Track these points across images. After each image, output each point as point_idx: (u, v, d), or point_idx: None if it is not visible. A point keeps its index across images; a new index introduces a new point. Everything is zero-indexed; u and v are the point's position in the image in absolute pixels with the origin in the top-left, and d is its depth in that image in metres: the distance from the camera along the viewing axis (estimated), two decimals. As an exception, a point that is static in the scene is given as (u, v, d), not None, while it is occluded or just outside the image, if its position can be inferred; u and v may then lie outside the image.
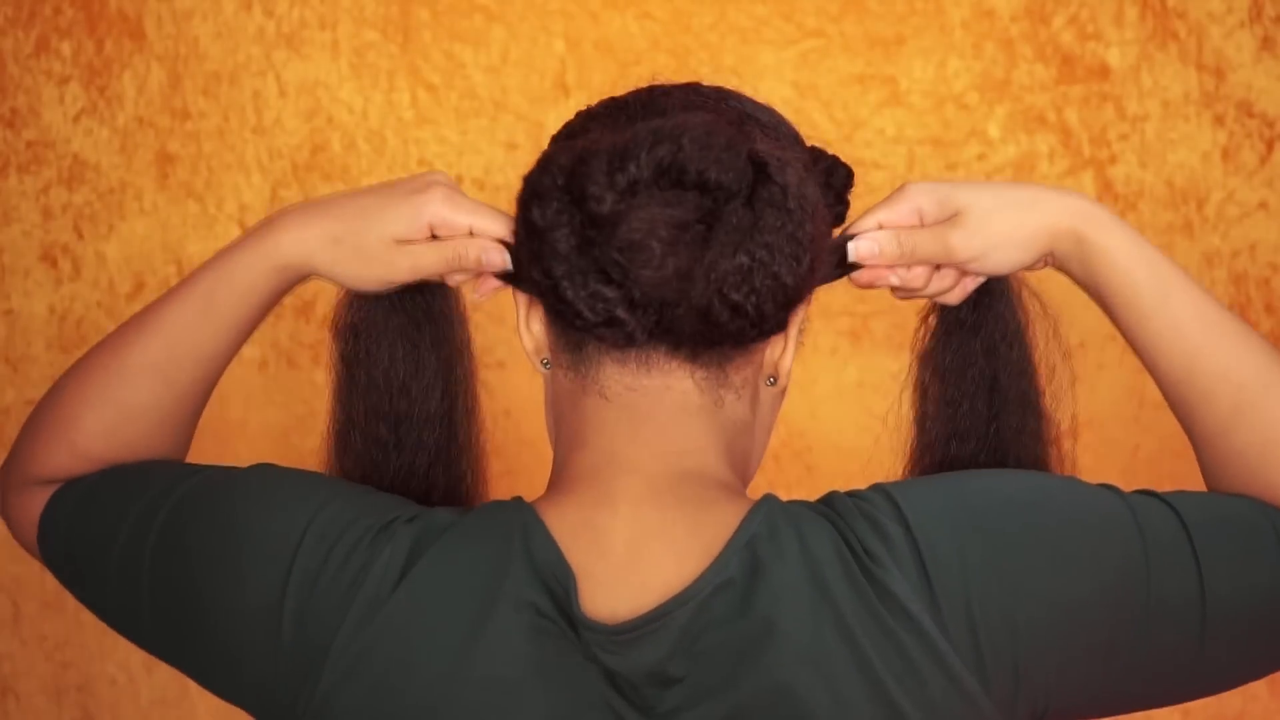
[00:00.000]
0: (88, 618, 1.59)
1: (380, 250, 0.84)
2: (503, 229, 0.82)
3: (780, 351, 0.81)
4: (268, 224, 0.89)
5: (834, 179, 0.87)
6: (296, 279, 0.88)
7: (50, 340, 1.53)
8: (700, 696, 0.73)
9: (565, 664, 0.74)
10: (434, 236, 0.83)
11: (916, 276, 0.84)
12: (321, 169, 1.48)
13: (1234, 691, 1.48)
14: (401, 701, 0.74)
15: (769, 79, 1.43)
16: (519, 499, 0.79)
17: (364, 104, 1.46)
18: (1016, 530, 0.75)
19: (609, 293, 0.73)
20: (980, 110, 1.42)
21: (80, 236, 1.51)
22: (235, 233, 1.50)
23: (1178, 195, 1.42)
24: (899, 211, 0.84)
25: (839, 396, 1.47)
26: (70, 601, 1.57)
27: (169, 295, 0.90)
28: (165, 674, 1.59)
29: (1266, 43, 1.40)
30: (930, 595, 0.72)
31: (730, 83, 1.20)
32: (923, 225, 0.84)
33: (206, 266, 0.90)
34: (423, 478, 0.89)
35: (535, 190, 0.76)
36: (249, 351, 1.51)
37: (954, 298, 0.87)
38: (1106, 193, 1.43)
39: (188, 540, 0.80)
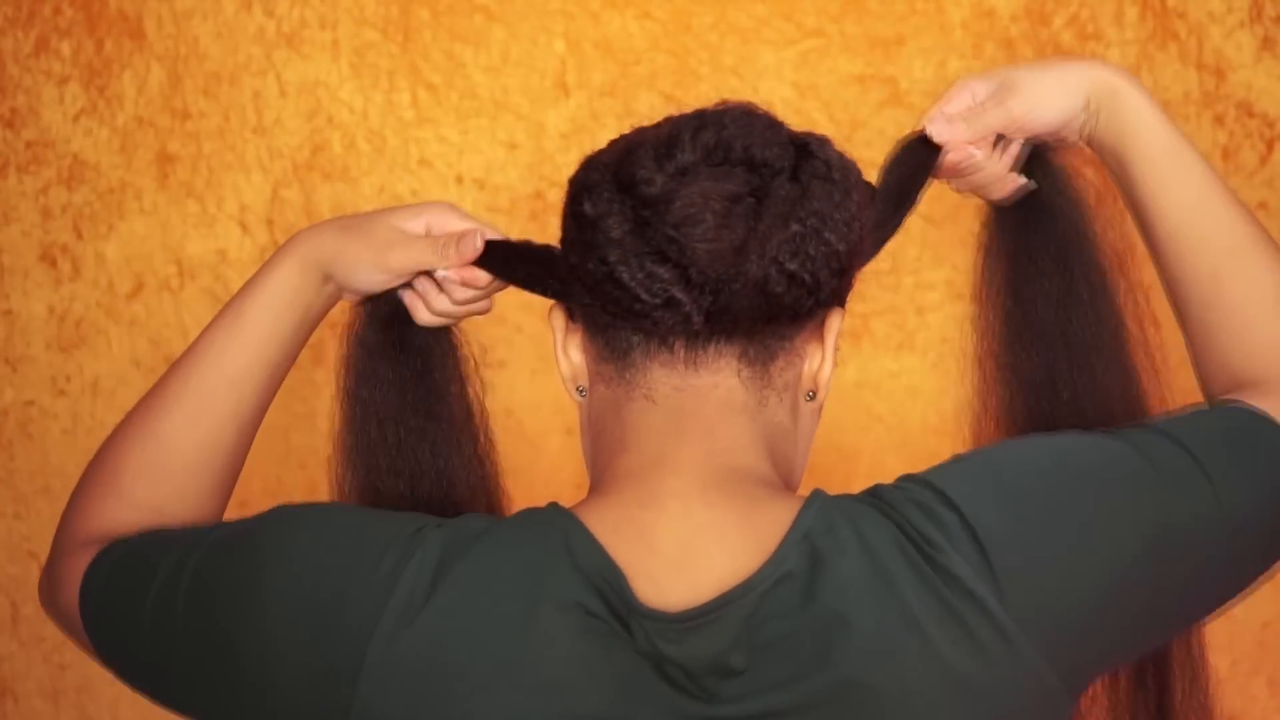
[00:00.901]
0: (87, 618, 1.59)
1: (384, 234, 0.88)
2: (493, 234, 0.86)
3: (819, 363, 0.81)
4: (286, 241, 0.92)
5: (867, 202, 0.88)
6: (317, 279, 0.90)
7: (50, 340, 1.53)
8: (764, 688, 0.73)
9: (617, 661, 0.73)
10: None
11: (984, 155, 0.91)
12: (322, 169, 1.48)
13: (1234, 691, 1.49)
14: (447, 708, 0.73)
15: (769, 79, 1.43)
16: (554, 504, 0.78)
17: (364, 104, 1.46)
18: (1061, 499, 0.77)
19: (665, 272, 0.74)
20: (980, 110, 1.42)
21: (80, 236, 1.51)
22: (236, 232, 1.50)
23: (1178, 195, 1.42)
24: (955, 99, 0.92)
25: (839, 396, 1.46)
26: (70, 602, 1.57)
27: (206, 327, 0.92)
28: (165, 674, 1.58)
29: (1266, 43, 1.40)
30: (992, 575, 0.73)
31: (730, 83, 1.20)
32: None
33: (235, 294, 0.92)
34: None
35: (584, 185, 0.77)
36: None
37: (1008, 184, 0.93)
38: (1107, 192, 1.43)
39: (216, 589, 0.80)
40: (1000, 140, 0.91)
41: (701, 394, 0.79)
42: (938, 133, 0.91)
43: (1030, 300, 0.96)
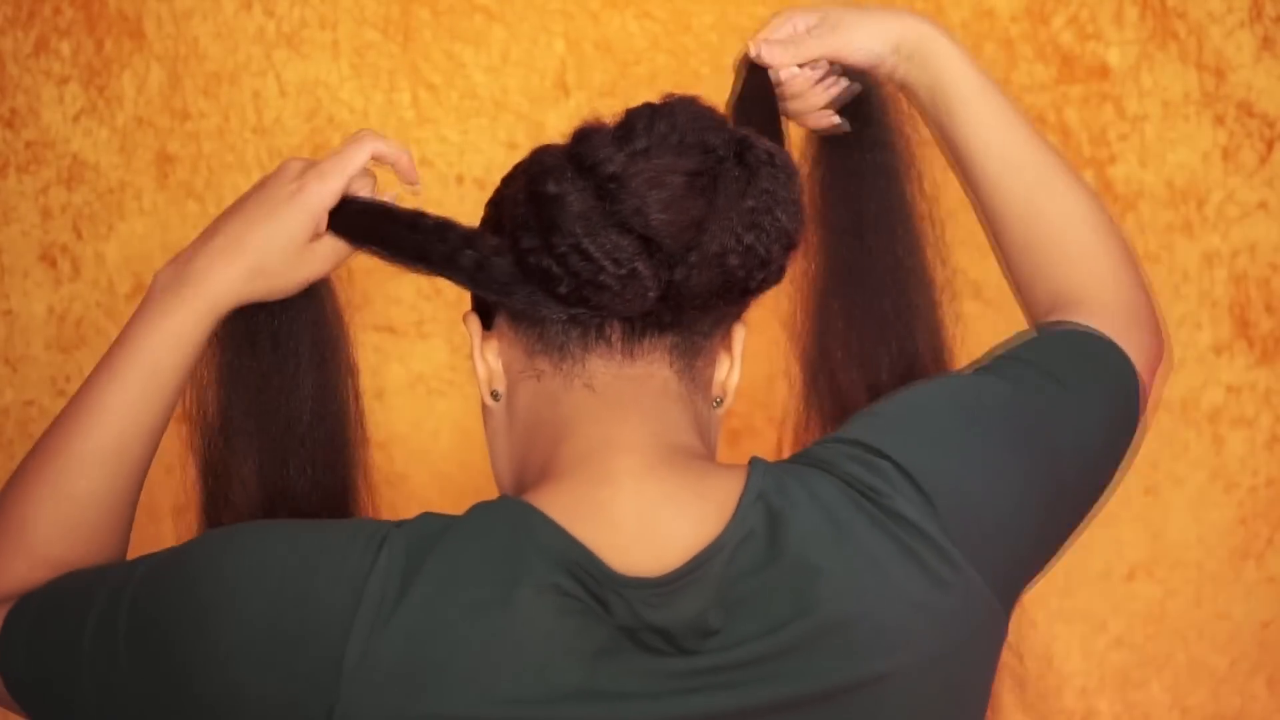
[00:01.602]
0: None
1: (296, 258, 0.89)
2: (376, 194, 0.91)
3: (727, 371, 0.86)
4: (180, 282, 0.89)
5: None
6: (227, 314, 0.91)
7: (49, 340, 1.53)
8: (744, 639, 0.75)
9: (596, 636, 0.75)
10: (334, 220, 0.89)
11: (806, 81, 0.99)
12: (321, 169, 1.48)
13: (1234, 691, 1.49)
14: (433, 701, 0.74)
15: (769, 79, 1.43)
16: (504, 497, 0.80)
17: (364, 104, 1.46)
18: (971, 435, 0.84)
19: (629, 244, 0.77)
20: (980, 110, 1.42)
21: (79, 237, 1.51)
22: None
23: (1178, 195, 1.42)
24: (779, 28, 1.00)
25: (839, 396, 1.47)
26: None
27: (102, 378, 0.88)
28: (164, 675, 1.58)
29: (1266, 43, 1.40)
30: (933, 511, 0.79)
31: (730, 83, 1.20)
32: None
33: (128, 342, 0.89)
34: (303, 495, 0.94)
35: (543, 167, 0.79)
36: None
37: (823, 119, 1.02)
38: (1107, 192, 1.43)
39: (158, 624, 0.78)
40: (826, 77, 1.00)
41: (639, 382, 0.82)
42: (764, 54, 0.98)
43: (847, 232, 1.07)
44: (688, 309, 0.80)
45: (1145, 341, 0.95)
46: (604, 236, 0.77)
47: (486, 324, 0.85)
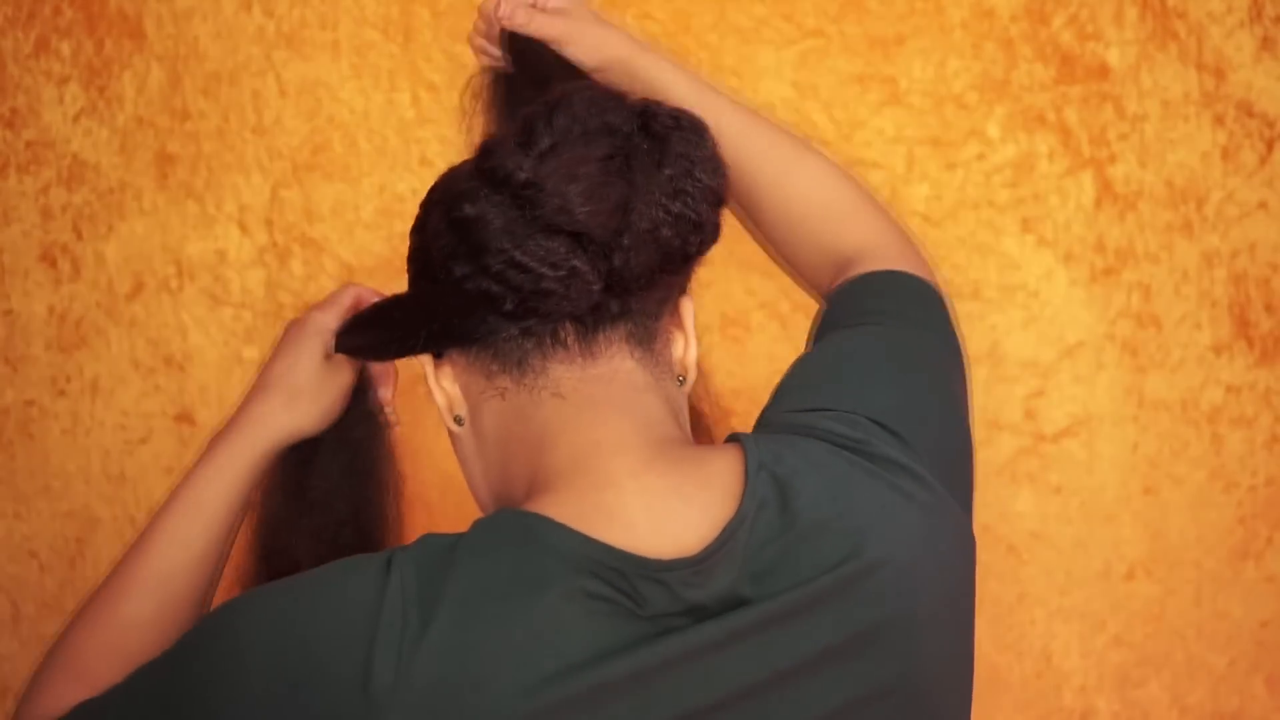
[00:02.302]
0: (87, 618, 1.59)
1: (320, 374, 0.99)
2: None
3: (683, 348, 0.86)
4: (227, 427, 1.00)
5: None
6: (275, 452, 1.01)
7: (50, 340, 1.53)
8: (774, 601, 0.77)
9: (633, 630, 0.75)
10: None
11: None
12: (322, 169, 1.48)
13: (1233, 690, 1.49)
14: (478, 715, 0.73)
15: (769, 79, 1.43)
16: (504, 510, 0.80)
17: (365, 104, 1.46)
18: (899, 369, 0.91)
19: (561, 245, 0.77)
20: (980, 110, 1.42)
21: (80, 237, 1.51)
22: (235, 233, 1.50)
23: (1177, 195, 1.42)
24: None
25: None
26: (69, 602, 1.57)
27: (158, 513, 0.98)
28: (165, 674, 1.58)
29: (1266, 43, 1.40)
30: (907, 447, 0.84)
31: (730, 83, 1.20)
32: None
33: (182, 482, 0.99)
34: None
35: (456, 193, 0.80)
36: (248, 353, 1.51)
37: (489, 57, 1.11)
38: (1106, 192, 1.43)
39: (176, 704, 0.81)
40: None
41: (606, 380, 0.82)
42: (503, 7, 1.06)
43: None
44: (634, 292, 0.81)
45: (924, 265, 1.04)
46: (534, 244, 0.77)
47: (436, 352, 0.86)
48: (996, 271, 1.45)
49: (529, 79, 1.07)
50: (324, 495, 1.02)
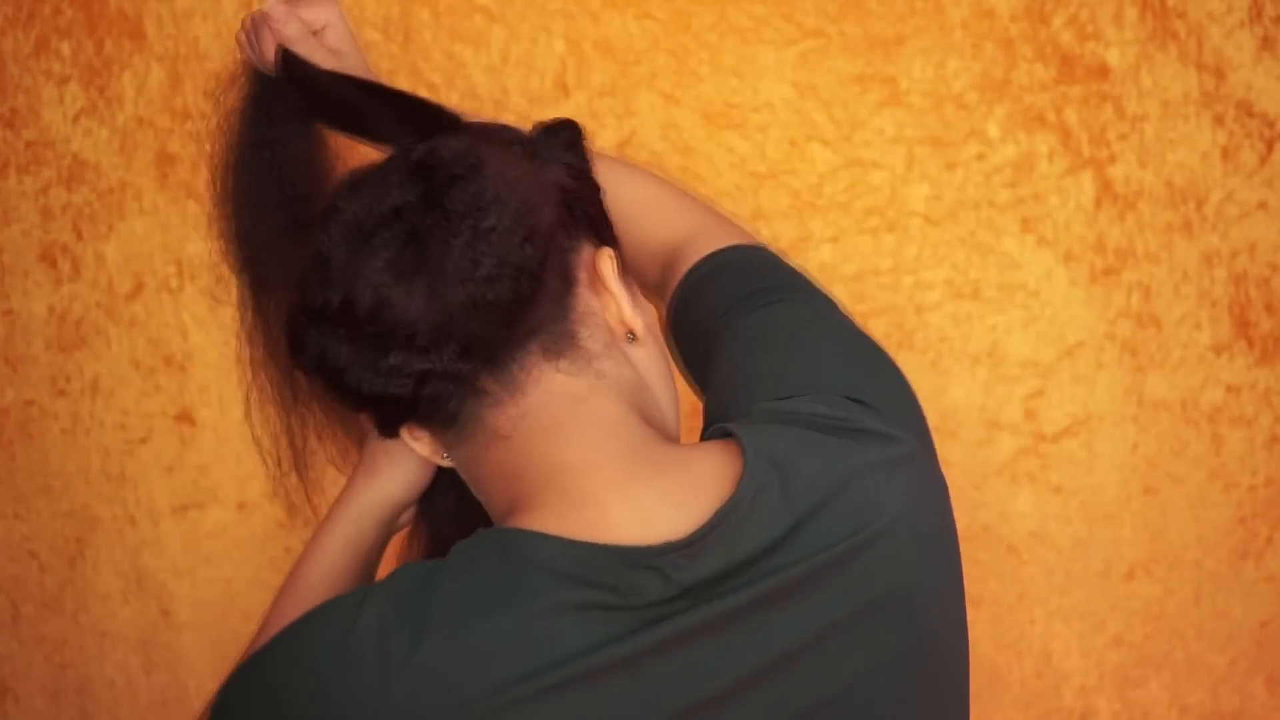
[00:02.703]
0: (86, 619, 1.59)
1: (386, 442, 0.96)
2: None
3: (616, 308, 0.83)
4: (341, 505, 1.02)
5: (568, 142, 0.87)
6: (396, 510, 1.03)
7: (50, 340, 1.53)
8: (776, 573, 0.76)
9: (627, 625, 0.74)
10: None
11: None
12: (321, 169, 1.48)
13: (1233, 690, 1.49)
14: None
15: (769, 79, 1.43)
16: (480, 530, 0.79)
17: (364, 104, 1.46)
18: (831, 337, 0.92)
19: (397, 359, 0.75)
20: (980, 110, 1.42)
21: (80, 237, 1.51)
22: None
23: (1177, 195, 1.42)
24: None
25: (839, 396, 1.47)
26: (69, 602, 1.57)
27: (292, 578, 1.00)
28: (164, 676, 1.58)
29: (1266, 43, 1.40)
30: (878, 414, 0.84)
31: (730, 82, 1.20)
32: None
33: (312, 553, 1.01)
34: None
35: (291, 341, 0.79)
36: (249, 352, 1.51)
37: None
38: (1106, 192, 1.43)
39: None
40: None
41: (542, 407, 0.79)
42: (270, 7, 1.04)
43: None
44: (501, 346, 0.78)
45: (746, 233, 1.05)
46: (376, 370, 0.75)
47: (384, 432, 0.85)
48: (996, 271, 1.45)
49: (295, 86, 1.04)
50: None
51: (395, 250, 0.75)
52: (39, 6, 1.48)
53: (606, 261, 0.83)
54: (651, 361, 0.86)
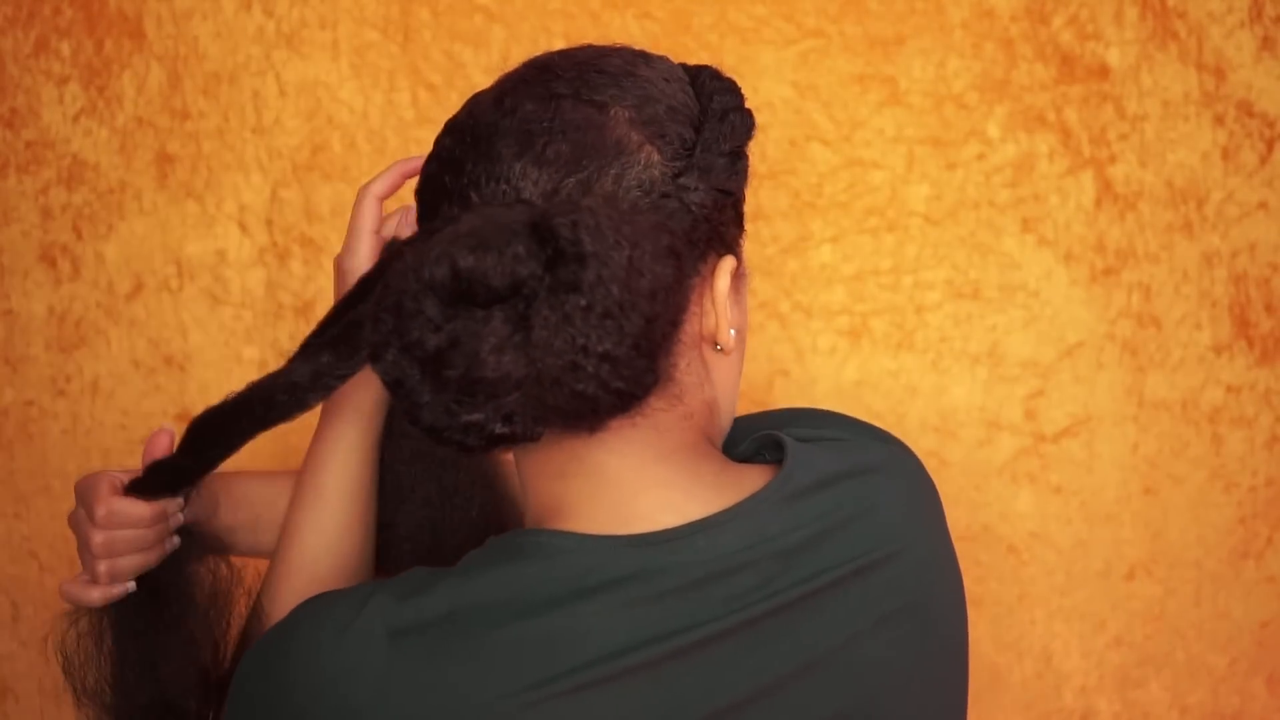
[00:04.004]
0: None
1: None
2: None
3: (714, 323, 0.80)
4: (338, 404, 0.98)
5: (729, 140, 0.82)
6: (377, 414, 0.99)
7: (50, 340, 1.53)
8: (797, 580, 0.76)
9: (646, 621, 0.73)
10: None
11: None
12: (322, 169, 1.48)
13: (1233, 690, 1.49)
14: None
15: (769, 79, 1.43)
16: (491, 538, 0.78)
17: (364, 104, 1.46)
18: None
19: (478, 417, 0.72)
20: (980, 110, 1.42)
21: (79, 237, 1.51)
22: (235, 233, 1.49)
23: (1178, 195, 1.42)
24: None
25: (839, 396, 1.47)
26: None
27: (291, 507, 0.98)
28: (165, 674, 1.58)
29: (1266, 43, 1.40)
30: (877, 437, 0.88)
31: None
32: None
33: (308, 462, 0.99)
34: None
35: (373, 345, 0.74)
36: (249, 353, 1.51)
37: None
38: (1106, 192, 1.43)
39: None
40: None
41: (619, 433, 0.77)
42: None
43: None
44: (593, 414, 0.75)
45: None
46: (449, 419, 0.73)
47: None
48: (997, 271, 1.45)
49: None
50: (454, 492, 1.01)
51: (504, 331, 0.71)
52: (39, 6, 1.48)
53: (724, 278, 0.80)
54: (731, 370, 0.84)
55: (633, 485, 0.77)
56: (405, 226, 0.98)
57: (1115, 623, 1.49)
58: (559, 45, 1.44)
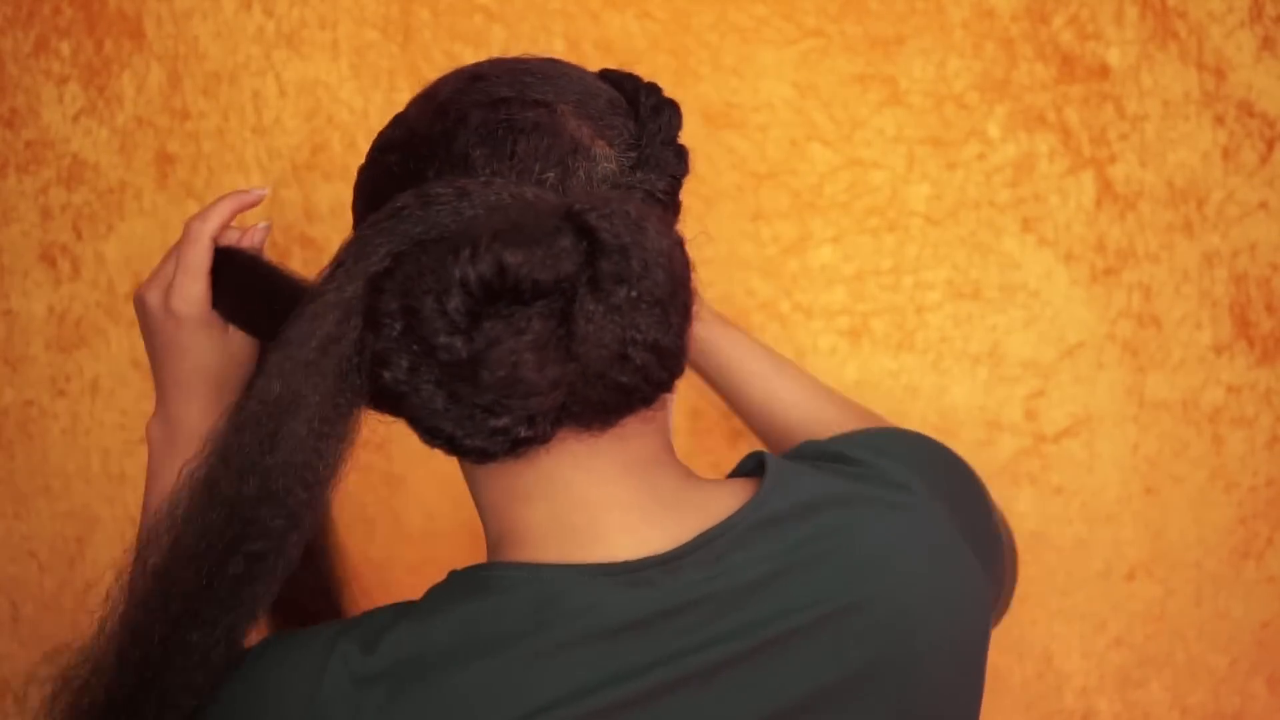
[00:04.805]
0: (86, 619, 1.58)
1: (230, 351, 0.89)
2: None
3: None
4: (169, 439, 0.91)
5: (669, 131, 0.82)
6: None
7: (49, 340, 1.53)
8: (763, 620, 0.73)
9: (611, 683, 0.71)
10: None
11: None
12: (322, 169, 1.48)
13: (1234, 690, 1.49)
14: None
15: (769, 79, 1.43)
16: (455, 571, 0.76)
17: (364, 104, 1.46)
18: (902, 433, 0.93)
19: (503, 422, 0.70)
20: (980, 110, 1.42)
21: (79, 236, 1.51)
22: (234, 233, 1.49)
23: (1178, 195, 1.42)
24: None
25: (839, 396, 1.47)
26: (69, 602, 1.57)
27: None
28: (165, 674, 1.58)
29: (1267, 42, 1.40)
30: (909, 472, 0.83)
31: (730, 82, 1.19)
32: None
33: (151, 506, 0.90)
34: None
35: (378, 355, 0.71)
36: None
37: None
38: (1107, 192, 1.43)
39: None
40: None
41: (582, 439, 0.76)
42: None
43: None
44: (617, 405, 0.73)
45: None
46: (473, 426, 0.70)
47: None
48: (997, 271, 1.45)
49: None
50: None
51: (547, 328, 0.69)
52: (39, 6, 1.48)
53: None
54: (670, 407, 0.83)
55: (594, 506, 0.75)
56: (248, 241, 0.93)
57: (1116, 623, 1.49)
58: (559, 45, 1.44)
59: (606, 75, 0.85)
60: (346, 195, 1.51)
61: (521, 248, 0.67)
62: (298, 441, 0.70)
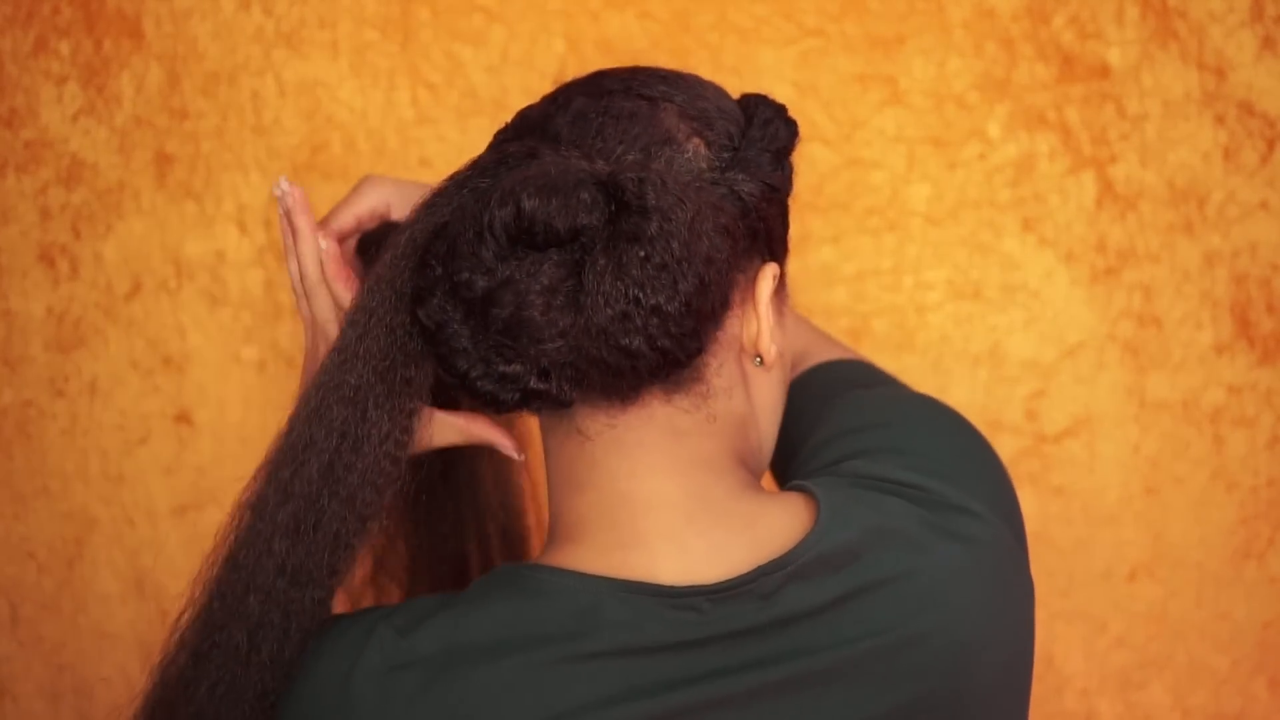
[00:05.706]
0: (85, 620, 1.58)
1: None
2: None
3: (755, 330, 0.79)
4: None
5: (773, 142, 0.84)
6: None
7: (48, 341, 1.53)
8: (812, 650, 0.73)
9: (644, 694, 0.71)
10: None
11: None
12: (321, 169, 1.47)
13: (1235, 691, 1.49)
14: None
15: (769, 79, 1.43)
16: (506, 564, 0.77)
17: (364, 103, 1.46)
18: (945, 421, 0.89)
19: (515, 368, 0.72)
20: (980, 110, 1.42)
21: (78, 236, 1.51)
22: (234, 233, 1.49)
23: (1178, 195, 1.42)
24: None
25: (839, 397, 1.46)
26: (68, 604, 1.57)
27: None
28: (163, 676, 1.58)
29: (1267, 42, 1.40)
30: (973, 497, 0.80)
31: (730, 82, 1.20)
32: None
33: None
34: None
35: (417, 290, 0.74)
36: (247, 352, 1.50)
37: None
38: (1107, 192, 1.43)
39: None
40: None
41: (638, 426, 0.76)
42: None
43: None
44: (632, 374, 0.74)
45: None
46: (486, 368, 0.72)
47: None
48: (997, 271, 1.45)
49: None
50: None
51: (558, 275, 0.71)
52: (38, 6, 1.48)
53: (766, 282, 0.79)
54: (771, 390, 0.82)
55: (636, 502, 0.75)
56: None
57: (1117, 624, 1.49)
58: (559, 45, 1.44)
59: (746, 97, 0.89)
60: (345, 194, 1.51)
61: (540, 195, 0.71)
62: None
